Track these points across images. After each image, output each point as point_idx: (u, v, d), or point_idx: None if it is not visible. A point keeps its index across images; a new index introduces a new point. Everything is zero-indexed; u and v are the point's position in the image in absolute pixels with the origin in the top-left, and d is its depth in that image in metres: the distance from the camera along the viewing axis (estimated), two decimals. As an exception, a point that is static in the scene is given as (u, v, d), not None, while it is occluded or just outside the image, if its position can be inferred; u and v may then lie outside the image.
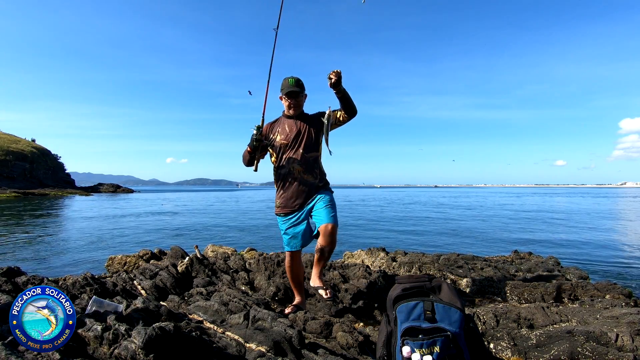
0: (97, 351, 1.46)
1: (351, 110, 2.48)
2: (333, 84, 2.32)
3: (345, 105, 2.44)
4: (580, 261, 6.62)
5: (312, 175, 2.54)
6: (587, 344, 1.83)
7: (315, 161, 2.56)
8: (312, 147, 2.54)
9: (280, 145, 2.54)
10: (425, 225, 13.60)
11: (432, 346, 1.28)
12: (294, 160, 2.51)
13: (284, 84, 2.53)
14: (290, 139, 2.52)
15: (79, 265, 6.33)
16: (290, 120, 2.57)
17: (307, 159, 2.51)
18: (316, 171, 2.57)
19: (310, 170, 2.53)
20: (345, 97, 2.40)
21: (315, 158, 2.56)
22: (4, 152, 58.88)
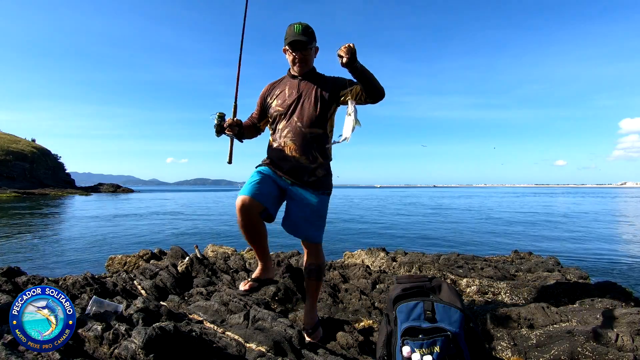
0: (97, 351, 1.46)
1: (375, 91, 1.83)
2: (345, 63, 1.71)
3: (367, 87, 1.81)
4: (580, 261, 6.62)
5: (306, 158, 1.94)
6: (587, 344, 1.83)
7: (315, 140, 1.95)
8: (314, 120, 1.93)
9: (275, 113, 2.01)
10: (425, 225, 13.59)
11: (432, 346, 1.28)
12: (286, 134, 1.95)
13: (288, 32, 1.95)
14: (286, 105, 1.97)
15: (79, 265, 6.33)
16: (294, 81, 2.02)
17: (305, 134, 1.93)
18: (314, 154, 1.96)
19: (307, 150, 1.94)
20: (366, 76, 1.78)
21: (316, 136, 1.95)
22: (4, 152, 58.89)
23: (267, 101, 2.08)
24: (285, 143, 1.96)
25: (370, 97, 1.85)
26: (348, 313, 2.68)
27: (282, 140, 1.97)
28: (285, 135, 1.96)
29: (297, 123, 1.94)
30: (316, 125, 1.95)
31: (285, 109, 1.98)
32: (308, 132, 1.93)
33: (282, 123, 1.99)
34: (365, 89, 1.82)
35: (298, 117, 1.94)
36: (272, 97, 2.06)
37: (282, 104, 1.99)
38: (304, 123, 1.93)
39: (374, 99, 1.87)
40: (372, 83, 1.80)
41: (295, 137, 1.93)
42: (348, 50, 1.68)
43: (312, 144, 1.95)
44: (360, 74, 1.76)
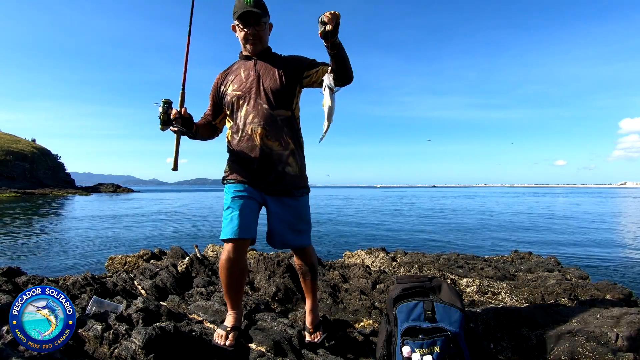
0: (97, 351, 1.46)
1: (347, 75, 1.62)
2: (326, 33, 1.46)
3: (340, 68, 1.58)
4: (580, 261, 6.62)
5: (279, 144, 1.71)
6: (587, 344, 1.83)
7: (285, 124, 1.73)
8: (281, 101, 1.71)
9: (233, 100, 1.73)
10: (425, 225, 13.60)
11: (432, 346, 1.28)
12: (252, 119, 1.69)
13: (237, 5, 1.69)
14: (246, 88, 1.71)
15: (79, 265, 6.33)
16: (249, 62, 1.77)
17: (274, 117, 1.70)
18: (286, 138, 1.73)
19: (277, 134, 1.71)
20: (341, 56, 1.55)
21: (285, 119, 1.73)
22: (4, 152, 58.91)
23: (221, 91, 1.80)
24: (253, 130, 1.68)
25: (340, 80, 1.60)
26: (348, 313, 2.68)
27: (248, 128, 1.69)
28: (251, 122, 1.69)
29: (262, 105, 1.68)
30: (283, 106, 1.72)
31: (244, 91, 1.71)
32: (276, 114, 1.70)
33: (243, 109, 1.71)
34: (338, 70, 1.57)
35: (262, 99, 1.69)
36: (227, 85, 1.78)
37: (240, 86, 1.72)
38: (270, 104, 1.69)
39: (343, 83, 1.62)
40: (345, 64, 1.58)
41: (263, 121, 1.68)
42: (334, 17, 1.43)
43: (283, 127, 1.71)
44: (338, 51, 1.52)
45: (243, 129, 1.72)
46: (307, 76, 1.73)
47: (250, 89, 1.71)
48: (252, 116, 1.69)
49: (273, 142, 1.70)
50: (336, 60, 1.54)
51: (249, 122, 1.70)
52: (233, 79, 1.77)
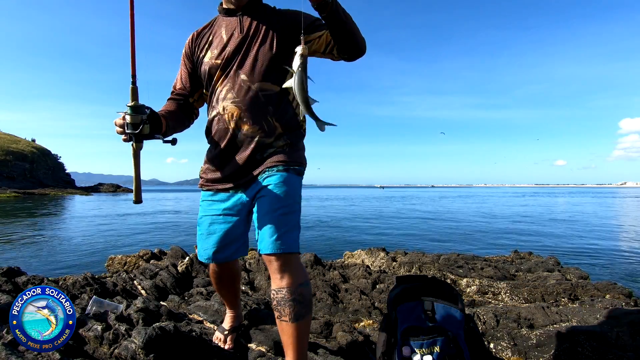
0: (97, 351, 1.46)
1: (353, 42, 1.25)
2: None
3: (339, 35, 1.22)
4: (581, 261, 6.62)
5: (260, 128, 1.29)
6: (587, 344, 1.83)
7: (270, 102, 1.30)
8: (269, 72, 1.29)
9: (211, 70, 1.33)
10: (425, 225, 13.60)
11: (432, 346, 1.28)
12: (226, 95, 1.30)
13: None
14: (226, 55, 1.30)
15: (79, 265, 6.33)
16: (232, 19, 1.34)
17: (255, 93, 1.28)
18: (271, 121, 1.30)
19: (259, 116, 1.29)
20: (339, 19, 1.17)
21: (273, 96, 1.30)
22: (4, 152, 58.92)
23: (195, 56, 1.38)
24: (225, 109, 1.29)
25: (344, 50, 1.26)
26: (348, 313, 2.69)
27: (220, 106, 1.31)
28: (224, 98, 1.29)
29: (241, 78, 1.28)
30: (270, 79, 1.29)
31: (223, 59, 1.30)
32: (258, 89, 1.27)
33: (220, 83, 1.32)
34: (338, 36, 1.21)
35: (244, 70, 1.28)
36: (203, 49, 1.36)
37: (220, 54, 1.31)
38: (252, 76, 1.27)
39: (350, 54, 1.27)
40: (346, 31, 1.20)
41: (239, 99, 1.27)
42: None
43: (267, 107, 1.29)
44: (335, 13, 1.14)
45: (216, 108, 1.33)
46: (307, 41, 1.27)
47: (232, 55, 1.29)
48: (225, 91, 1.30)
49: (251, 126, 1.28)
50: (332, 25, 1.17)
51: (222, 98, 1.30)
52: (210, 42, 1.34)
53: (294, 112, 1.37)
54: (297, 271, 1.23)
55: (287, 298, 1.19)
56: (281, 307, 1.20)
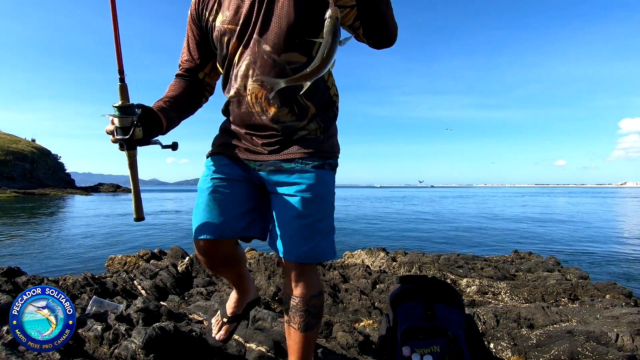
0: (97, 351, 1.46)
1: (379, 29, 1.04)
2: None
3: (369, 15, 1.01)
4: (580, 261, 6.62)
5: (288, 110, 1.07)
6: (587, 343, 1.83)
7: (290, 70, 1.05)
8: (294, 40, 1.02)
9: (224, 38, 1.07)
10: (425, 225, 13.60)
11: (432, 346, 1.28)
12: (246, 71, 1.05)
13: None
14: (242, 19, 1.04)
15: (79, 265, 6.33)
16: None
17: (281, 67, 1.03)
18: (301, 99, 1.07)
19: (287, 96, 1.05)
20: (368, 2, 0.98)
21: (300, 69, 0.98)
22: (4, 152, 58.95)
23: (204, 20, 1.11)
24: (246, 88, 1.06)
25: (370, 34, 1.04)
26: (348, 313, 2.69)
27: (240, 84, 1.06)
28: (245, 75, 1.05)
29: (264, 48, 1.02)
30: (297, 48, 1.03)
31: (239, 24, 1.04)
32: (285, 62, 1.03)
33: (237, 55, 1.06)
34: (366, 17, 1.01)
35: (266, 38, 1.02)
36: (212, 9, 1.09)
37: (234, 17, 1.04)
38: (278, 46, 1.02)
39: (376, 40, 1.06)
40: (379, 10, 0.99)
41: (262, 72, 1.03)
42: None
43: (290, 73, 1.04)
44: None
45: (234, 86, 1.08)
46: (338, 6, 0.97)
47: (249, 19, 1.03)
48: (245, 66, 1.04)
49: (279, 109, 1.05)
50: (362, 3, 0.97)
51: (241, 76, 1.05)
52: (221, 1, 1.08)
53: (326, 86, 1.13)
54: (313, 281, 1.13)
55: (300, 308, 1.10)
56: (292, 314, 1.11)
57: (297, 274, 1.09)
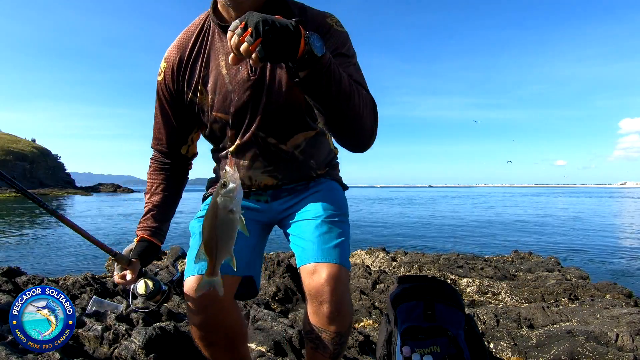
0: (97, 351, 1.46)
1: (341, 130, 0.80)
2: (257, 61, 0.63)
3: (326, 113, 0.75)
4: (580, 261, 6.62)
5: (299, 178, 1.04)
6: (587, 343, 1.83)
7: (310, 153, 1.01)
8: (303, 119, 0.95)
9: (214, 124, 0.96)
10: (426, 225, 13.60)
11: (432, 346, 1.28)
12: (250, 164, 0.98)
13: None
14: (233, 108, 0.91)
15: (79, 265, 6.32)
16: None
17: (291, 156, 0.98)
18: (312, 170, 1.04)
19: (298, 173, 1.02)
20: (320, 85, 0.68)
21: (309, 144, 0.99)
22: (4, 152, 58.94)
23: (184, 97, 0.95)
24: (250, 178, 0.99)
25: (338, 139, 0.84)
26: (348, 313, 2.69)
27: (245, 176, 0.99)
28: (250, 167, 0.97)
29: (267, 140, 0.94)
30: (305, 127, 0.96)
31: (229, 113, 0.91)
32: (292, 147, 0.96)
33: (235, 145, 0.96)
34: (326, 120, 0.77)
35: (268, 129, 0.92)
36: (194, 89, 0.93)
37: (223, 104, 0.91)
38: (283, 134, 0.94)
39: (345, 143, 0.84)
40: (338, 110, 0.74)
41: (272, 167, 0.97)
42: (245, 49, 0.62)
43: (308, 160, 1.01)
44: (309, 81, 0.68)
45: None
46: None
47: (243, 110, 0.90)
48: (249, 158, 0.96)
49: (290, 182, 1.03)
50: (310, 95, 0.72)
51: (245, 167, 0.98)
52: (204, 77, 0.91)
53: (328, 143, 1.09)
54: (349, 307, 0.95)
55: (336, 342, 0.94)
56: (323, 345, 0.95)
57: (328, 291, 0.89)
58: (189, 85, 0.93)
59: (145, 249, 1.02)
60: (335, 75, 0.69)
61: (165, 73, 0.95)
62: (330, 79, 0.68)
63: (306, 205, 1.01)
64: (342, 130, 0.78)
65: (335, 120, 0.76)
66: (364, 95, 0.78)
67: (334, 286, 0.89)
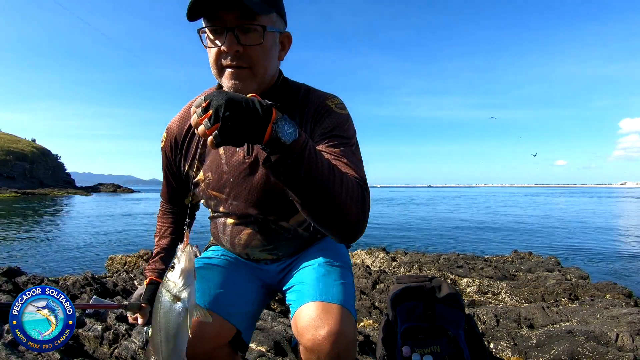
0: (97, 351, 1.46)
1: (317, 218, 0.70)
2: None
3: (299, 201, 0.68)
4: (580, 261, 6.62)
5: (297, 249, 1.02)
6: (587, 343, 1.83)
7: (313, 227, 0.99)
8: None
9: (209, 199, 0.96)
10: (426, 225, 13.60)
11: (432, 346, 1.28)
12: (247, 240, 0.96)
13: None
14: (228, 189, 0.91)
15: (79, 265, 6.33)
16: None
17: (293, 234, 0.97)
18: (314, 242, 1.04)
19: (296, 246, 1.01)
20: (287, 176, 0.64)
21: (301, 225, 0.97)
22: (4, 152, 58.97)
23: (181, 169, 0.98)
24: (248, 255, 1.00)
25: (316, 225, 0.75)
26: (348, 313, 2.69)
27: (238, 252, 1.01)
28: (247, 244, 0.97)
29: (266, 218, 0.92)
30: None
31: (224, 193, 0.92)
32: (295, 224, 0.95)
33: (233, 222, 0.97)
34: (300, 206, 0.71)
35: (268, 211, 0.91)
36: (189, 162, 0.95)
37: (218, 183, 0.91)
38: (281, 213, 0.92)
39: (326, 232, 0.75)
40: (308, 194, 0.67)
41: (272, 245, 0.96)
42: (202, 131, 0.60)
43: (315, 235, 1.01)
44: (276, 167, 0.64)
45: (228, 244, 1.01)
46: None
47: (239, 192, 0.90)
48: (246, 236, 0.95)
49: (292, 256, 1.02)
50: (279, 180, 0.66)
51: (242, 245, 0.97)
52: (201, 155, 0.93)
53: None
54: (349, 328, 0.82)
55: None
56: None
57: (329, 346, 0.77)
58: (186, 159, 0.95)
59: (154, 292, 1.00)
60: (310, 161, 0.64)
61: (166, 143, 0.98)
62: (300, 165, 0.63)
63: (306, 256, 0.99)
64: (319, 219, 0.71)
65: (309, 209, 0.69)
66: (349, 182, 0.71)
67: (336, 340, 0.76)
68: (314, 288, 0.87)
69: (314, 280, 0.89)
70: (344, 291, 0.87)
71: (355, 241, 0.79)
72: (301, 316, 0.83)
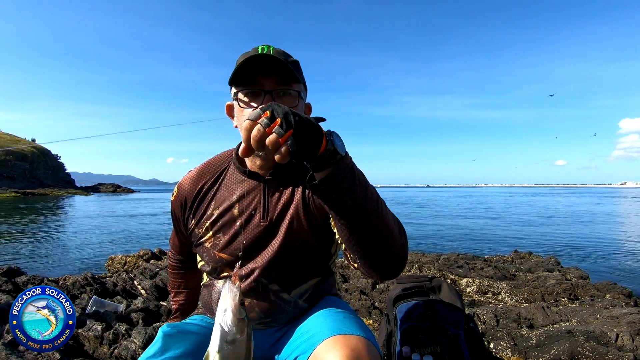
0: (97, 351, 1.46)
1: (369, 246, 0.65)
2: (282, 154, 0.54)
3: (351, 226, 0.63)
4: (581, 261, 6.62)
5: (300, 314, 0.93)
6: (587, 343, 1.83)
7: (315, 298, 0.93)
8: (309, 272, 0.90)
9: (216, 262, 0.89)
10: (425, 225, 13.60)
11: (432, 346, 1.28)
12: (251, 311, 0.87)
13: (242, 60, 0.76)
14: (240, 253, 0.86)
15: (79, 265, 6.33)
16: (250, 184, 0.87)
17: (294, 306, 0.90)
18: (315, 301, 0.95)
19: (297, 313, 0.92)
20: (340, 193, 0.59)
21: (317, 289, 0.93)
22: (4, 152, 58.95)
23: (188, 226, 0.94)
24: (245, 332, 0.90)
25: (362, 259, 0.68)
26: (348, 313, 2.69)
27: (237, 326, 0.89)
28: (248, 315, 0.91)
29: (271, 289, 0.87)
30: (315, 274, 0.91)
31: (235, 256, 0.87)
32: (296, 295, 0.89)
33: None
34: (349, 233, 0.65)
35: (273, 278, 0.86)
36: (200, 224, 0.91)
37: (229, 246, 0.87)
38: (286, 284, 0.88)
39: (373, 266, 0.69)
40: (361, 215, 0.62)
41: (271, 318, 0.89)
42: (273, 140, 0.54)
43: (312, 305, 0.93)
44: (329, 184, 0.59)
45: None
46: None
47: (250, 252, 0.86)
48: (248, 305, 0.88)
49: (286, 325, 0.93)
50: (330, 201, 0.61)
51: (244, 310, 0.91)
52: (214, 216, 0.89)
53: (335, 280, 1.02)
54: None
55: None
56: None
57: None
58: (195, 217, 0.92)
59: None
60: (360, 177, 0.60)
61: (176, 199, 0.96)
62: (354, 180, 0.59)
63: (306, 316, 0.87)
64: (370, 249, 0.64)
65: (362, 235, 0.63)
66: (389, 210, 0.67)
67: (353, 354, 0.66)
68: (326, 327, 0.75)
69: (325, 321, 0.78)
70: (362, 327, 0.78)
71: (398, 274, 0.72)
72: (320, 353, 0.70)
